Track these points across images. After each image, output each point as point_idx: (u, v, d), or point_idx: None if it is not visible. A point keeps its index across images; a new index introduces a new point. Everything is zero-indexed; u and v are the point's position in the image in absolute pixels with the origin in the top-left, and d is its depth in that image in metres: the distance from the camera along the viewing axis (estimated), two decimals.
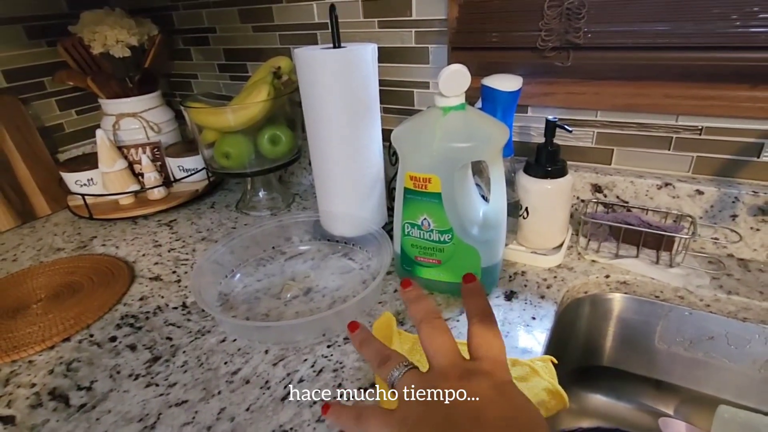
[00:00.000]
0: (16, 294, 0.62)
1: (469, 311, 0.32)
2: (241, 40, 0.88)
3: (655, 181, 0.60)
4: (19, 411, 0.44)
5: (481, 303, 0.32)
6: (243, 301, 0.58)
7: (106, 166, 0.80)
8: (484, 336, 0.31)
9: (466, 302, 0.33)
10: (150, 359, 0.50)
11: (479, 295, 0.33)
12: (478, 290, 0.33)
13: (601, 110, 0.62)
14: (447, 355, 0.31)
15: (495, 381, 0.28)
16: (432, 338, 0.32)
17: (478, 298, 0.33)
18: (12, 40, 0.85)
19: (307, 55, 0.57)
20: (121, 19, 0.82)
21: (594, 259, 0.61)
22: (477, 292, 0.33)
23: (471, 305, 0.33)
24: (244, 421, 0.41)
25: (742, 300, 0.52)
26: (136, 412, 0.43)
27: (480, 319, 0.31)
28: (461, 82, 0.46)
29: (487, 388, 0.27)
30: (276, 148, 0.76)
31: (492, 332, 0.31)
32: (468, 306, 0.33)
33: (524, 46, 0.56)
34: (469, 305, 0.33)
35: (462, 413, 0.26)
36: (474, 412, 0.26)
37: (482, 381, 0.28)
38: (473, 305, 0.32)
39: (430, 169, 0.49)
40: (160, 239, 0.75)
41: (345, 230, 0.67)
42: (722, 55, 0.51)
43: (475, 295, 0.33)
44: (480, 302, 0.32)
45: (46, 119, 0.92)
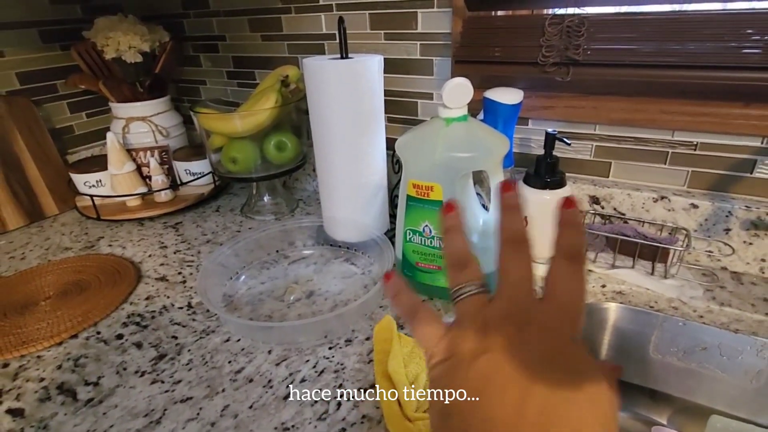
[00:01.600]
0: (24, 291, 0.63)
1: (558, 243, 0.26)
2: (249, 48, 0.91)
3: (652, 194, 0.62)
4: (28, 404, 0.46)
5: (576, 238, 0.26)
6: (247, 302, 0.60)
7: (115, 168, 0.82)
8: (564, 276, 0.25)
9: (559, 232, 0.26)
10: (156, 357, 0.51)
11: (576, 227, 0.26)
12: (575, 221, 0.27)
13: (600, 124, 0.64)
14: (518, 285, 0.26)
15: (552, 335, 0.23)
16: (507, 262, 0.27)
17: (574, 232, 0.26)
18: (27, 44, 0.88)
19: (315, 65, 0.59)
20: (134, 26, 0.84)
21: (590, 269, 0.62)
22: (574, 223, 0.26)
23: (563, 237, 0.26)
24: (247, 419, 0.43)
25: (734, 312, 0.54)
26: (142, 408, 0.44)
27: (567, 256, 0.25)
28: (464, 94, 0.48)
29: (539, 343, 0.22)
30: (282, 154, 0.78)
31: (576, 274, 0.25)
32: (559, 237, 0.26)
33: (525, 61, 0.58)
34: (560, 236, 0.26)
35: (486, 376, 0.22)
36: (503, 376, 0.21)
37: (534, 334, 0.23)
38: (565, 238, 0.26)
39: (433, 177, 0.51)
40: (166, 241, 0.76)
41: (348, 236, 0.68)
42: (716, 74, 0.53)
43: (570, 225, 0.26)
44: (574, 236, 0.26)
45: (57, 121, 0.94)
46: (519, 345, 0.23)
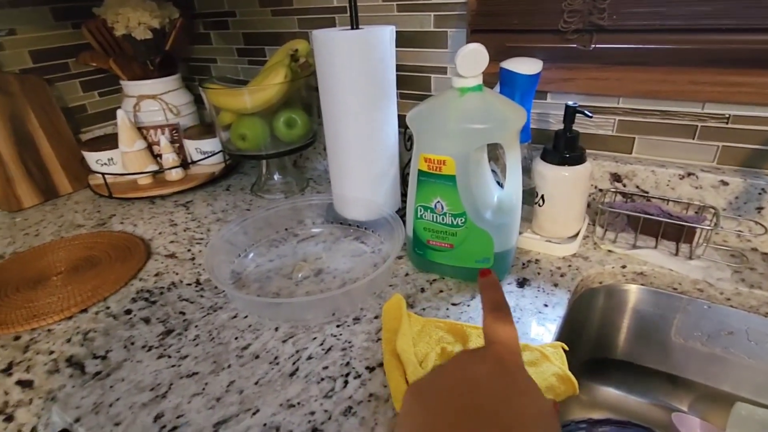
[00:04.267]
0: (37, 266, 0.64)
1: (485, 304, 0.33)
2: (260, 24, 0.89)
3: (678, 171, 0.58)
4: (37, 376, 0.46)
5: (497, 296, 0.33)
6: (255, 279, 0.59)
7: (126, 146, 0.81)
8: (497, 325, 0.31)
9: (482, 295, 0.34)
10: (163, 332, 0.51)
11: (495, 288, 0.34)
12: (494, 284, 0.34)
13: (624, 97, 0.60)
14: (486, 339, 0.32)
15: (502, 363, 0.28)
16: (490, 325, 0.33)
17: (494, 292, 0.34)
18: (39, 22, 0.87)
19: (324, 37, 0.57)
20: (144, 2, 0.83)
21: (610, 249, 0.59)
22: (493, 286, 0.34)
23: (487, 298, 0.33)
24: (252, 394, 0.42)
25: (764, 294, 0.51)
26: (148, 382, 0.44)
27: (494, 310, 0.32)
28: (479, 61, 0.46)
29: (491, 369, 0.28)
30: (291, 132, 0.76)
31: (505, 322, 0.31)
32: (484, 298, 0.34)
33: (546, 29, 0.54)
34: (485, 298, 0.34)
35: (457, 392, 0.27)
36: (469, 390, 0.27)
37: (488, 363, 0.28)
38: (489, 298, 0.33)
39: (445, 151, 0.49)
40: (176, 219, 0.76)
41: (358, 214, 0.67)
42: (752, 37, 0.49)
43: (491, 288, 0.34)
44: (496, 295, 0.33)
45: (69, 100, 0.94)
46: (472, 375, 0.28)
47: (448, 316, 0.50)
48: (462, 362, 0.29)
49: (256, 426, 0.39)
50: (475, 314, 0.50)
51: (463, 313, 0.50)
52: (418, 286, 0.55)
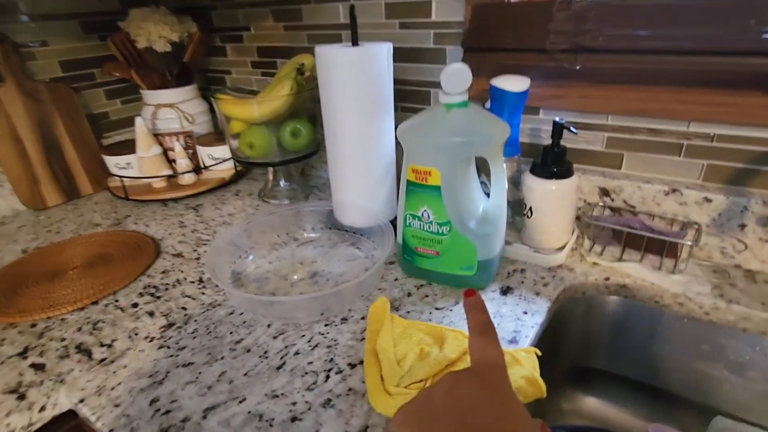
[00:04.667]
0: (56, 261, 0.69)
1: (470, 324, 0.34)
2: (272, 38, 0.93)
3: (663, 187, 0.60)
4: (49, 360, 0.50)
5: (482, 317, 0.34)
6: (253, 279, 0.62)
7: (142, 151, 0.87)
8: (483, 346, 0.32)
9: (468, 316, 0.35)
10: (165, 325, 0.54)
11: (480, 309, 0.35)
12: (479, 305, 0.35)
13: (612, 114, 0.62)
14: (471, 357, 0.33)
15: (489, 385, 0.29)
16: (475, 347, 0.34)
17: (479, 313, 0.34)
18: (70, 34, 0.94)
19: (326, 52, 0.61)
20: (165, 17, 0.89)
21: (596, 261, 0.61)
22: (478, 307, 0.35)
23: (472, 319, 0.34)
24: (240, 384, 0.45)
25: (742, 309, 0.52)
26: (147, 369, 0.48)
27: (480, 331, 0.33)
28: (463, 80, 0.49)
29: (479, 391, 0.28)
30: (297, 141, 0.80)
31: (491, 343, 0.32)
32: (470, 318, 0.34)
33: (534, 48, 0.57)
34: (470, 318, 0.34)
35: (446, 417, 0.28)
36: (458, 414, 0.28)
37: (475, 385, 0.29)
38: (474, 319, 0.34)
39: (431, 162, 0.52)
40: (185, 221, 0.81)
41: (354, 220, 0.70)
42: (735, 60, 0.51)
43: (476, 309, 0.35)
44: (481, 316, 0.34)
45: (94, 107, 1.00)
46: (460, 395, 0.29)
47: (430, 320, 0.52)
48: (449, 385, 0.30)
49: (242, 413, 0.42)
50: (456, 318, 0.52)
51: (446, 317, 0.53)
52: (405, 290, 0.58)
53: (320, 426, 0.40)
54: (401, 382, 0.42)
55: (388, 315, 0.51)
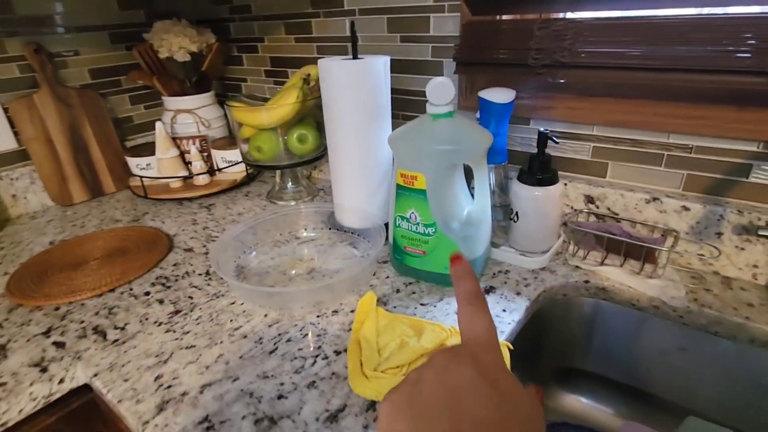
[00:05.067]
0: (79, 252, 0.75)
1: (458, 294, 0.30)
2: (284, 49, 0.99)
3: (644, 196, 0.62)
4: (69, 339, 0.56)
5: (471, 285, 0.30)
6: (255, 273, 0.67)
7: (161, 153, 0.93)
8: (473, 319, 0.29)
9: (455, 285, 0.31)
10: (173, 312, 0.60)
11: (468, 277, 0.31)
12: (467, 272, 0.31)
13: (597, 125, 0.65)
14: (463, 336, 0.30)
15: (480, 365, 0.26)
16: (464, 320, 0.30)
17: (468, 281, 0.30)
18: (99, 44, 1.01)
19: (327, 65, 0.66)
20: (185, 29, 0.96)
21: (578, 264, 0.64)
22: (466, 274, 0.31)
23: (459, 288, 0.30)
24: (235, 365, 0.50)
25: (713, 313, 0.54)
26: (154, 350, 0.53)
27: (469, 302, 0.29)
28: (445, 92, 0.53)
29: (471, 373, 0.26)
30: (303, 146, 0.85)
31: (480, 314, 0.29)
32: (457, 288, 0.31)
33: (519, 63, 0.61)
34: (457, 288, 0.31)
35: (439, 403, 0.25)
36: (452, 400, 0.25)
37: (466, 367, 0.26)
38: (461, 288, 0.30)
39: (417, 167, 0.56)
40: (198, 219, 0.86)
41: (352, 222, 0.74)
42: (707, 77, 0.53)
43: (463, 277, 0.31)
44: (469, 284, 0.30)
45: (119, 111, 1.08)
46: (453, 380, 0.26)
47: (415, 314, 0.56)
48: (439, 368, 0.27)
49: (234, 390, 0.47)
50: (439, 314, 0.56)
51: (429, 312, 0.57)
52: (394, 287, 0.62)
53: (303, 404, 0.44)
54: (378, 367, 0.46)
55: (374, 308, 0.55)
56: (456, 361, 0.27)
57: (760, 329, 0.52)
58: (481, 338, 0.28)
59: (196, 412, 0.44)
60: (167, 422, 0.43)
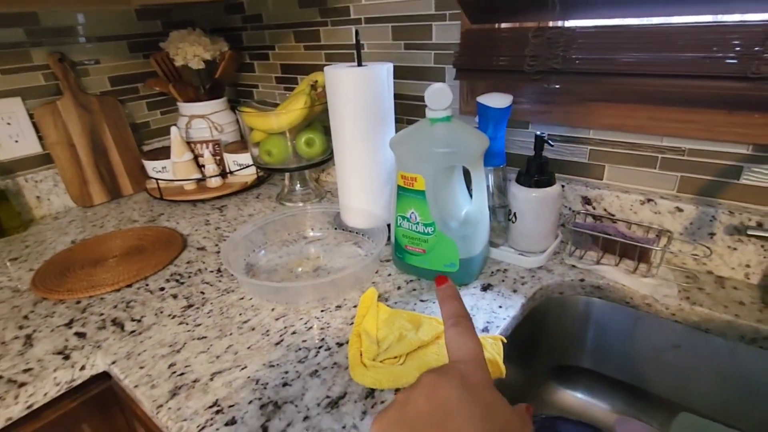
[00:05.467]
0: (98, 250, 0.79)
1: (444, 315, 0.32)
2: (294, 56, 1.03)
3: (639, 197, 0.64)
4: (90, 330, 0.59)
5: (456, 306, 0.32)
6: (263, 271, 0.70)
7: (176, 157, 0.97)
8: (460, 339, 0.30)
9: (441, 306, 0.33)
10: (185, 306, 0.63)
11: (453, 298, 0.33)
12: (451, 293, 0.33)
13: (593, 129, 0.67)
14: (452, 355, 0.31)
15: (468, 384, 0.27)
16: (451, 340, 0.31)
17: (453, 301, 0.32)
18: (118, 53, 1.06)
19: (333, 72, 0.69)
20: (200, 38, 1.00)
21: (574, 264, 0.66)
22: (451, 295, 0.33)
23: (446, 309, 0.32)
24: (243, 355, 0.53)
25: (704, 311, 0.55)
26: (168, 340, 0.56)
27: (455, 323, 0.31)
28: (443, 98, 0.55)
29: (458, 392, 0.27)
30: (311, 150, 0.89)
31: (467, 334, 0.30)
32: (443, 309, 0.32)
33: (515, 70, 0.63)
34: (444, 309, 0.32)
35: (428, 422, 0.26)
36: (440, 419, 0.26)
37: (453, 386, 0.27)
38: (448, 309, 0.32)
39: (417, 169, 0.58)
40: (210, 219, 0.90)
41: (357, 222, 0.77)
42: (697, 83, 0.55)
43: (449, 298, 0.33)
44: (454, 305, 0.32)
45: (137, 117, 1.12)
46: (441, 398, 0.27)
47: (414, 310, 0.59)
48: (427, 388, 0.28)
49: (242, 377, 0.50)
50: (437, 309, 0.58)
51: (427, 308, 0.59)
52: (396, 284, 0.65)
53: (306, 391, 0.47)
54: (377, 357, 0.48)
55: (375, 303, 0.57)
56: (444, 381, 0.27)
57: (748, 326, 0.53)
58: (468, 357, 0.29)
59: (206, 397, 0.47)
60: (180, 406, 0.46)
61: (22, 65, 0.92)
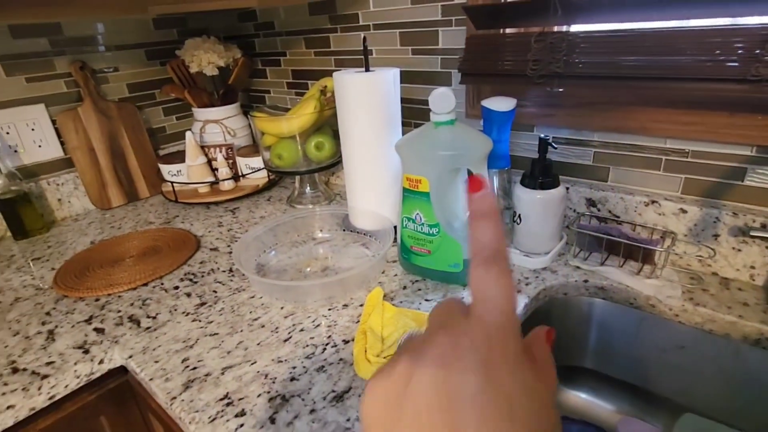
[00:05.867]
0: (117, 251, 0.82)
1: (473, 243, 0.21)
2: (305, 62, 1.06)
3: (643, 199, 0.65)
4: (108, 326, 0.62)
5: (491, 233, 0.21)
6: (273, 270, 0.73)
7: (191, 161, 1.00)
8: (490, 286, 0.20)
9: (471, 225, 0.21)
10: (198, 303, 0.65)
11: (490, 218, 0.21)
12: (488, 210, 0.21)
13: (597, 131, 0.68)
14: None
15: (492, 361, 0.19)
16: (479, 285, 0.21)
17: (489, 224, 0.21)
18: (136, 61, 1.10)
19: (341, 78, 0.71)
20: (214, 45, 1.03)
21: (578, 265, 0.66)
22: (487, 214, 0.21)
23: (477, 234, 0.21)
24: (253, 351, 0.55)
25: (707, 312, 0.56)
26: (182, 336, 0.59)
27: (487, 259, 0.21)
28: (446, 102, 0.57)
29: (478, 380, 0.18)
30: (320, 153, 0.91)
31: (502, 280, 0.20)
32: (473, 234, 0.21)
33: (518, 74, 0.64)
34: (474, 233, 0.21)
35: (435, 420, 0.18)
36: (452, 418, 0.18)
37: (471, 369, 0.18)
38: (480, 235, 0.21)
39: (421, 172, 0.60)
40: (223, 221, 0.93)
41: (364, 224, 0.79)
42: (698, 85, 0.56)
43: (484, 218, 0.21)
44: (490, 231, 0.21)
45: (153, 122, 1.16)
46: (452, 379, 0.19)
47: (419, 309, 0.60)
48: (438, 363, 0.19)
49: (252, 371, 0.51)
50: None
51: (431, 307, 0.60)
52: (402, 284, 0.66)
53: (312, 385, 0.49)
54: (381, 353, 0.50)
55: (380, 302, 0.59)
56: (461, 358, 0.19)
57: (752, 327, 0.53)
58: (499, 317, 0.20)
59: (217, 390, 0.49)
60: (192, 398, 0.48)
61: (46, 73, 0.96)
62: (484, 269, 0.20)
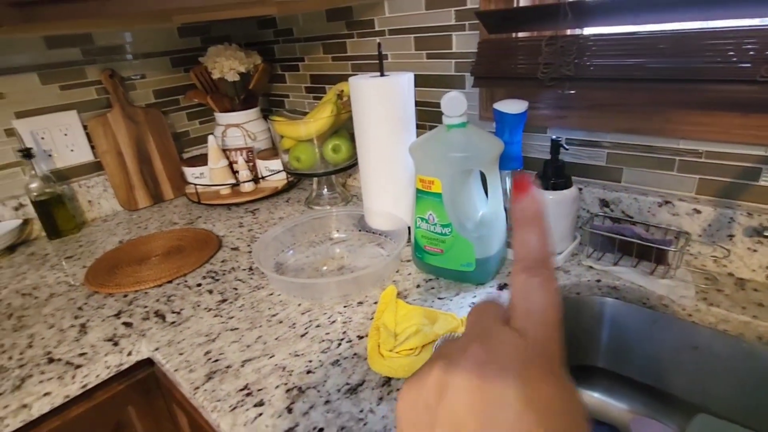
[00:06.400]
0: (143, 250, 0.86)
1: (517, 248, 0.21)
2: (322, 67, 1.08)
3: (656, 199, 0.65)
4: (135, 320, 0.65)
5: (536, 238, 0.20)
6: (291, 269, 0.75)
7: (213, 164, 1.04)
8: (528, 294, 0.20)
9: (516, 231, 0.21)
10: (220, 300, 0.68)
11: (535, 224, 0.20)
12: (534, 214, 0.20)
13: (610, 132, 0.69)
14: None
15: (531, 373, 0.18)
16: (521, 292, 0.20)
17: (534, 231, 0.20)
18: (162, 68, 1.15)
19: (357, 82, 0.73)
20: (235, 52, 1.07)
21: (591, 265, 0.67)
22: (533, 219, 0.20)
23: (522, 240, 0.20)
24: (272, 345, 0.57)
25: (721, 312, 0.56)
26: (204, 331, 0.61)
27: (528, 267, 0.20)
28: (458, 105, 0.58)
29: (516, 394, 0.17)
30: (337, 156, 0.93)
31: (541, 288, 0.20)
32: (517, 238, 0.21)
33: (529, 77, 0.65)
34: (518, 238, 0.21)
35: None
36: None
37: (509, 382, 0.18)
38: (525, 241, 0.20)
39: (434, 173, 0.61)
40: (244, 222, 0.96)
41: (380, 224, 0.81)
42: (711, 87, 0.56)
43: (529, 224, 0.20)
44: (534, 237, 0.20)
45: (178, 127, 1.21)
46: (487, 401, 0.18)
47: (432, 307, 0.62)
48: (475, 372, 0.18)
49: (270, 364, 0.54)
50: (453, 307, 0.61)
51: (444, 305, 0.62)
52: (415, 282, 0.68)
53: (327, 378, 0.51)
54: (394, 349, 0.52)
55: (394, 299, 0.61)
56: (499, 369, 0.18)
57: (766, 327, 0.53)
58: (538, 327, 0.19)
59: (238, 381, 0.52)
60: (214, 388, 0.51)
61: (78, 81, 1.01)
62: (527, 276, 0.20)
